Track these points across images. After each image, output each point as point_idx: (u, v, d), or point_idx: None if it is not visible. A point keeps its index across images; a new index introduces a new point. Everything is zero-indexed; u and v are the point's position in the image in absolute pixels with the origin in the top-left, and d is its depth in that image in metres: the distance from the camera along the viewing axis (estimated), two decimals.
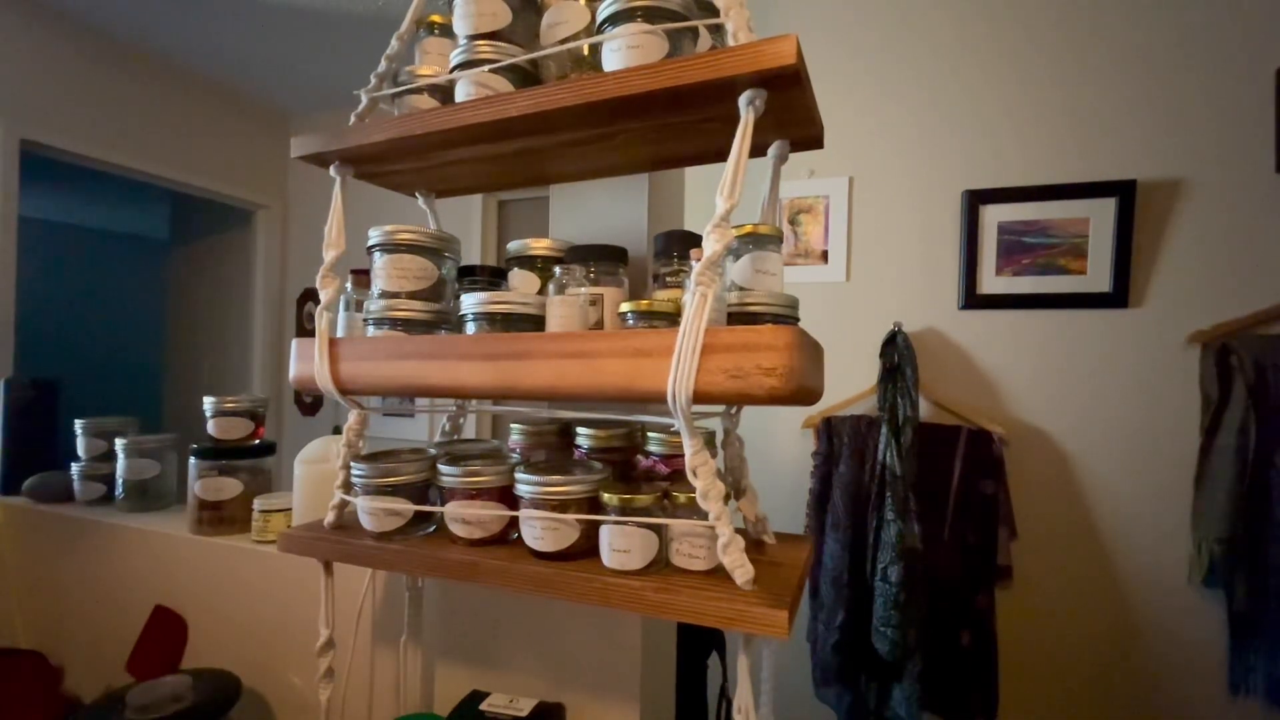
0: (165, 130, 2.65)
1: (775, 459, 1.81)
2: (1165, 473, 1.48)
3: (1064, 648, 1.55)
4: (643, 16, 0.56)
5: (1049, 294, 1.57)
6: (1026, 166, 1.60)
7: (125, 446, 1.16)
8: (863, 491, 1.57)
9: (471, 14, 0.66)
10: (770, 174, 0.65)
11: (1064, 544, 1.56)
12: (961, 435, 1.56)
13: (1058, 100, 1.58)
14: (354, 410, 0.70)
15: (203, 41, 2.45)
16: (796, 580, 0.55)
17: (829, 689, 1.58)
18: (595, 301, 0.64)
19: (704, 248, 0.50)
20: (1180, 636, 1.46)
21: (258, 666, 0.99)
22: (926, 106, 1.70)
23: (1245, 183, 1.44)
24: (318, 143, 0.69)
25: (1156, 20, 1.50)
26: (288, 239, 3.19)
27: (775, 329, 0.47)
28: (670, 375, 0.49)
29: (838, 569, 1.55)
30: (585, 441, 0.70)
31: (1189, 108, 1.48)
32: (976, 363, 1.64)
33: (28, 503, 1.25)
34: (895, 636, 1.42)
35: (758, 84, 0.50)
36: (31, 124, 2.21)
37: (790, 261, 1.80)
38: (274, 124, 3.10)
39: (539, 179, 0.79)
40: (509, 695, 0.77)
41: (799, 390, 0.47)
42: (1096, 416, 1.54)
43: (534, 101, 0.57)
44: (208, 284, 3.27)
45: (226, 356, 3.18)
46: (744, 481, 0.66)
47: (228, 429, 1.07)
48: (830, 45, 1.79)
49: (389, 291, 0.67)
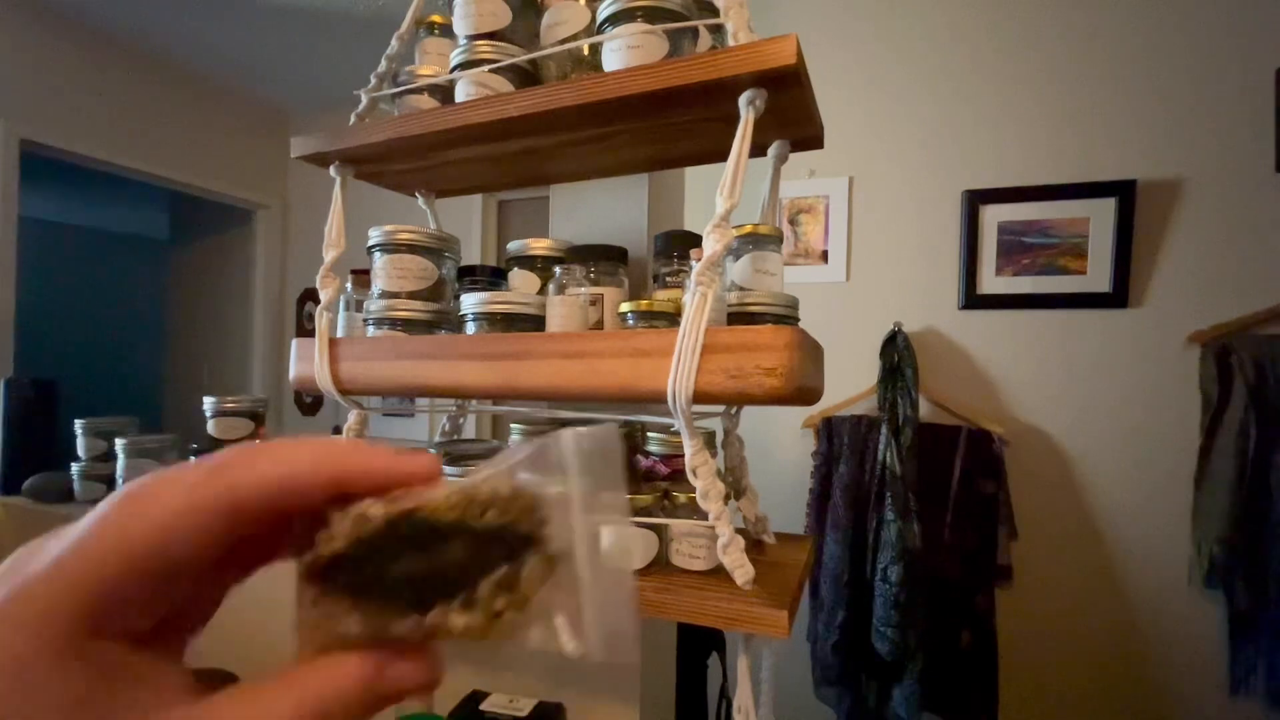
0: (165, 130, 2.65)
1: (775, 459, 1.81)
2: (1165, 473, 1.48)
3: (1064, 648, 1.55)
4: (643, 16, 0.56)
5: (1049, 294, 1.57)
6: (1026, 166, 1.60)
7: (125, 446, 1.16)
8: (863, 491, 1.57)
9: (471, 14, 0.66)
10: (770, 174, 0.65)
11: (1064, 544, 1.55)
12: (961, 435, 1.56)
13: (1058, 100, 1.58)
14: (354, 410, 0.70)
15: (203, 41, 2.45)
16: (796, 580, 0.55)
17: (829, 689, 1.58)
18: (595, 301, 0.64)
19: (704, 248, 0.50)
20: (1180, 636, 1.46)
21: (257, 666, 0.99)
22: (926, 106, 1.70)
23: (1245, 183, 1.44)
24: (318, 143, 0.69)
25: (1156, 20, 1.50)
26: (288, 239, 3.19)
27: (775, 329, 0.47)
28: (670, 375, 0.49)
29: (838, 569, 1.55)
30: None
31: (1189, 108, 1.48)
32: (976, 363, 1.64)
33: (28, 503, 1.25)
34: (895, 636, 1.42)
35: (758, 84, 0.50)
36: (31, 124, 2.21)
37: (790, 261, 1.80)
38: (274, 124, 3.10)
39: (539, 179, 0.79)
40: (509, 695, 0.77)
41: (799, 390, 0.47)
42: (1096, 416, 1.54)
43: (534, 101, 0.57)
44: (208, 284, 3.27)
45: (226, 356, 3.18)
46: (744, 481, 0.66)
47: (228, 429, 1.07)
48: (830, 45, 1.79)
49: (389, 291, 0.67)
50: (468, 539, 0.18)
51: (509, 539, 0.18)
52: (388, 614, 0.18)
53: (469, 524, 0.18)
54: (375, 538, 0.18)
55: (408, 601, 0.18)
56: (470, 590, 0.18)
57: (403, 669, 0.18)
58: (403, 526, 0.18)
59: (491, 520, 0.18)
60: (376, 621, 0.18)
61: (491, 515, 0.18)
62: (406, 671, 0.18)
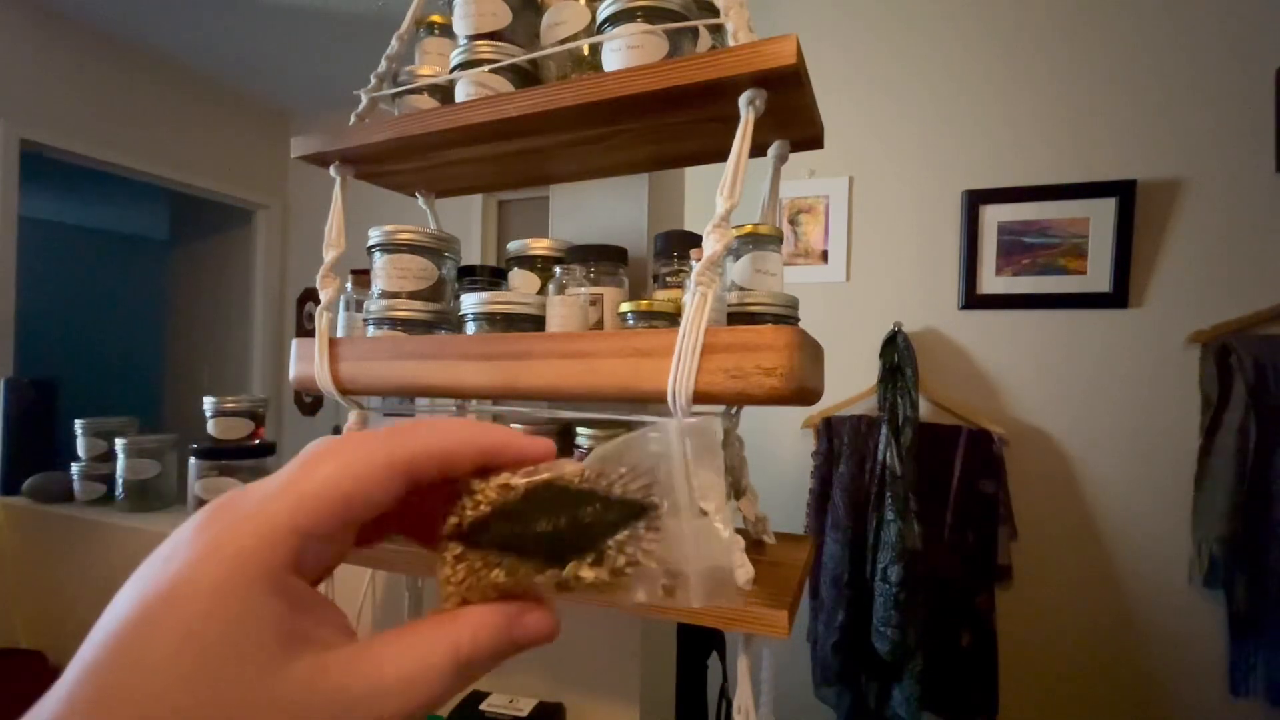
0: (165, 130, 2.65)
1: (775, 459, 1.81)
2: (1165, 473, 1.48)
3: (1064, 648, 1.55)
4: (643, 16, 0.56)
5: (1049, 294, 1.57)
6: (1026, 166, 1.60)
7: (125, 446, 1.16)
8: (863, 491, 1.57)
9: (471, 14, 0.66)
10: (770, 174, 0.65)
11: (1064, 544, 1.55)
12: (961, 435, 1.56)
13: (1058, 100, 1.58)
14: (354, 410, 0.70)
15: (203, 41, 2.45)
16: (796, 580, 0.55)
17: (829, 689, 1.58)
18: (595, 301, 0.64)
19: (704, 248, 0.50)
20: (1180, 636, 1.46)
21: None
22: (926, 106, 1.70)
23: (1245, 183, 1.44)
24: (318, 143, 0.69)
25: (1156, 20, 1.50)
26: (288, 239, 3.19)
27: (775, 329, 0.47)
28: (670, 375, 0.49)
29: (838, 569, 1.55)
30: (585, 441, 0.70)
31: (1189, 108, 1.48)
32: (976, 363, 1.64)
33: (28, 503, 1.25)
34: (895, 636, 1.42)
35: (758, 84, 0.50)
36: (31, 124, 2.21)
37: (790, 261, 1.80)
38: (274, 124, 3.10)
39: (539, 179, 0.79)
40: (509, 695, 0.77)
41: (799, 390, 0.47)
42: (1096, 416, 1.54)
43: (534, 101, 0.57)
44: (208, 284, 3.27)
45: (226, 356, 3.18)
46: (744, 481, 0.65)
47: (228, 429, 1.07)
48: (831, 45, 1.79)
49: (389, 291, 0.67)
50: (595, 506, 0.21)
51: (627, 508, 0.21)
52: (527, 568, 0.21)
53: (594, 494, 0.21)
54: (517, 502, 0.21)
55: (543, 558, 0.21)
56: (597, 550, 0.21)
57: (534, 618, 0.21)
58: (541, 493, 0.21)
59: (615, 490, 0.21)
60: (518, 574, 0.21)
61: (615, 486, 0.21)
62: (537, 620, 0.21)
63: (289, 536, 0.18)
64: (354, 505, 0.19)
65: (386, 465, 0.20)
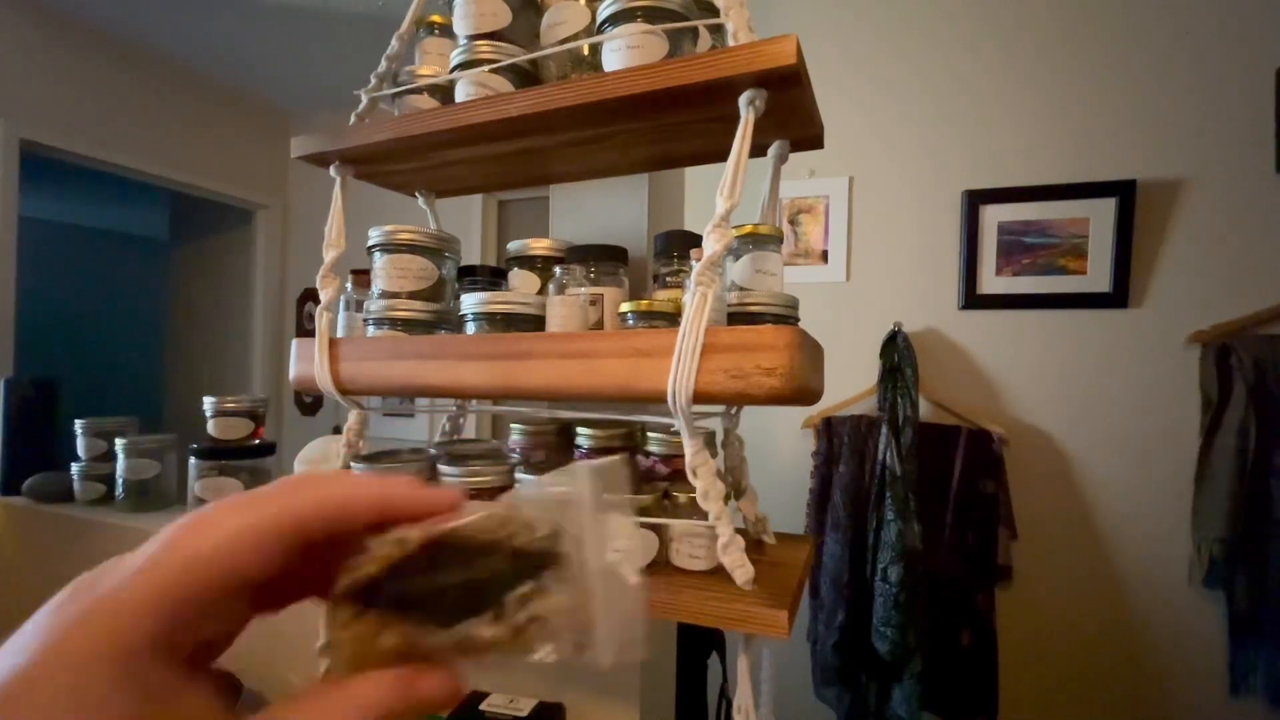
0: (165, 130, 2.65)
1: (775, 459, 1.81)
2: (1165, 473, 1.48)
3: (1064, 648, 1.55)
4: (643, 16, 0.56)
5: (1049, 294, 1.57)
6: (1026, 166, 1.60)
7: (125, 446, 1.16)
8: (863, 491, 1.57)
9: (471, 14, 0.66)
10: (770, 174, 0.65)
11: (1064, 544, 1.55)
12: (961, 435, 1.56)
13: (1058, 100, 1.58)
14: (354, 410, 0.70)
15: (203, 41, 2.45)
16: (796, 580, 0.55)
17: (829, 689, 1.58)
18: (595, 301, 0.64)
19: (704, 248, 0.50)
20: (1180, 636, 1.46)
21: (257, 665, 0.99)
22: (926, 106, 1.70)
23: (1245, 183, 1.44)
24: (318, 143, 0.69)
25: (1156, 20, 1.50)
26: (288, 239, 3.19)
27: (775, 329, 0.47)
28: (670, 375, 0.49)
29: (838, 569, 1.55)
30: (585, 441, 0.70)
31: (1189, 108, 1.48)
32: (976, 363, 1.64)
33: (28, 503, 1.25)
34: (895, 636, 1.42)
35: (758, 84, 0.50)
36: (31, 124, 2.21)
37: (790, 261, 1.80)
38: (274, 124, 3.10)
39: (539, 179, 0.79)
40: (509, 695, 0.77)
41: (799, 390, 0.47)
42: (1096, 416, 1.54)
43: (534, 101, 0.57)
44: (208, 284, 3.27)
45: (226, 356, 3.18)
46: (744, 481, 0.66)
47: (228, 429, 1.07)
48: (831, 45, 1.79)
49: (389, 291, 0.67)
50: (493, 560, 0.20)
51: (530, 560, 0.20)
52: (422, 629, 0.19)
53: (494, 546, 0.20)
54: (411, 559, 0.20)
55: (439, 618, 0.19)
56: (497, 606, 0.19)
57: (432, 680, 0.20)
58: (436, 548, 0.20)
59: (514, 543, 0.20)
60: (411, 636, 0.19)
61: (514, 538, 0.20)
62: (436, 683, 0.20)
63: (144, 620, 0.17)
64: (226, 576, 0.18)
65: (260, 530, 0.18)
